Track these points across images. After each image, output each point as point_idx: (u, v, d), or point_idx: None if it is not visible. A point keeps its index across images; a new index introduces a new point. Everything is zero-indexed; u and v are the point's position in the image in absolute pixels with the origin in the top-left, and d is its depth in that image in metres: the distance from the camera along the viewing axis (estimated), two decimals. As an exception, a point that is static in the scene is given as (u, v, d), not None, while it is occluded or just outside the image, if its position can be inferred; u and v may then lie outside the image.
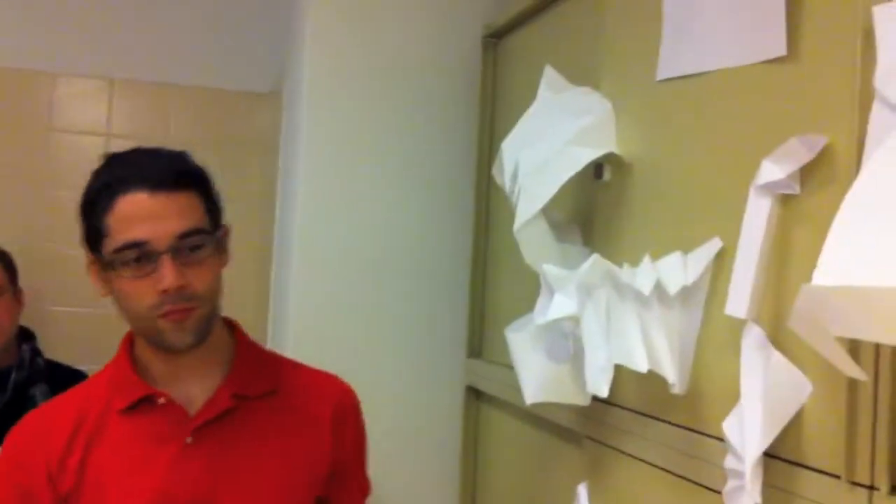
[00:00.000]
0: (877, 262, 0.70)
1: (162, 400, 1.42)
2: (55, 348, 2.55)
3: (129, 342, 1.49)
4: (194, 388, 1.44)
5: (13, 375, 2.35)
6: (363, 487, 1.62)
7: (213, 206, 1.44)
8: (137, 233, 1.32)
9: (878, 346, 0.92)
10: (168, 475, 1.40)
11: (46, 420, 1.45)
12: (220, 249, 1.44)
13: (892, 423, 0.92)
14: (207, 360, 1.45)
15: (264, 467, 1.44)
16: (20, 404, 2.30)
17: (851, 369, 0.81)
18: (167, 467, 1.40)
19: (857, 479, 0.96)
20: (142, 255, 1.33)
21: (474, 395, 2.13)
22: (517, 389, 1.51)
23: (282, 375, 1.52)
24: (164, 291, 1.32)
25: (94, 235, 1.38)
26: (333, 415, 1.51)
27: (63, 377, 2.45)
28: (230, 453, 1.42)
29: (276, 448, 1.45)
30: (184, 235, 1.34)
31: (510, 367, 1.56)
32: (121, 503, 1.39)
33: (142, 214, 1.33)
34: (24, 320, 2.50)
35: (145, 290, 1.34)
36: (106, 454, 1.41)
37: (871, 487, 0.94)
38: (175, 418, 1.42)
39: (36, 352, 2.45)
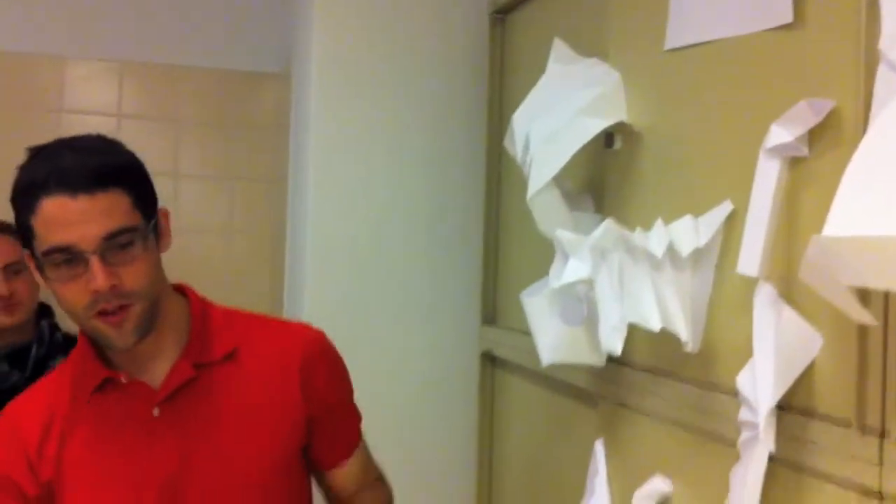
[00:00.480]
0: (886, 212, 0.74)
1: (123, 379, 1.43)
2: (70, 323, 2.59)
3: None
4: (156, 365, 1.44)
5: (33, 351, 2.40)
6: (354, 418, 1.62)
7: (143, 198, 1.38)
8: (62, 237, 1.30)
9: (886, 295, 0.96)
10: (140, 452, 1.42)
11: (20, 413, 1.47)
12: (158, 237, 1.42)
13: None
14: (163, 338, 1.44)
15: (234, 430, 1.45)
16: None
17: (862, 315, 0.85)
18: (138, 444, 1.42)
19: (868, 425, 1.00)
20: (70, 258, 1.31)
21: (489, 361, 2.18)
22: (532, 354, 1.55)
23: (242, 335, 1.51)
24: (96, 292, 1.31)
25: (24, 233, 1.35)
26: (301, 366, 1.50)
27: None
28: (198, 421, 1.44)
29: (243, 408, 1.46)
30: (110, 236, 1.31)
31: (524, 332, 1.60)
32: (99, 487, 1.42)
33: (64, 219, 1.30)
34: (41, 297, 2.54)
35: (78, 292, 1.32)
36: (80, 441, 1.43)
37: (882, 433, 0.99)
38: (139, 395, 1.43)
39: (54, 327, 2.49)
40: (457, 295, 2.24)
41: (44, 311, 2.52)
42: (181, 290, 1.52)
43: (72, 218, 1.29)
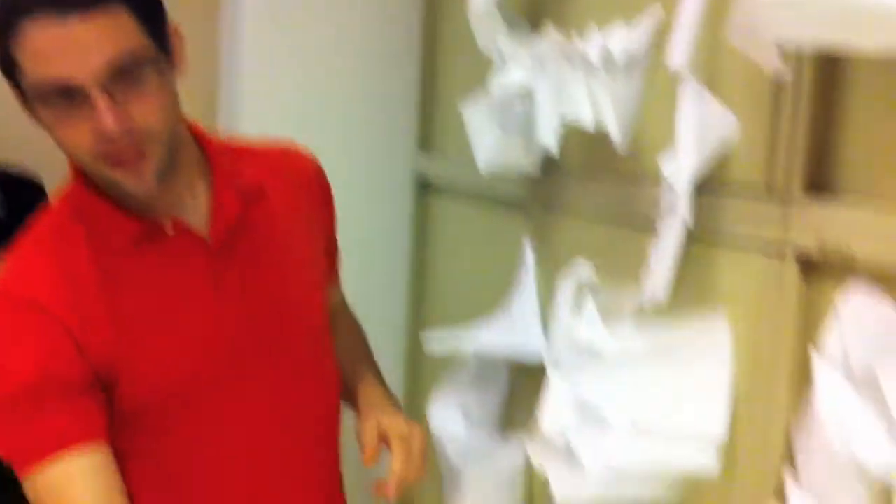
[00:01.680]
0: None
1: (169, 225, 1.25)
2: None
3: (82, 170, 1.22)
4: (190, 202, 1.28)
5: None
6: (337, 252, 1.59)
7: (151, 15, 1.13)
8: (53, 69, 1.06)
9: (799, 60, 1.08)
10: (204, 303, 1.27)
11: (33, 287, 1.20)
12: (171, 64, 1.19)
13: (810, 131, 1.09)
14: (187, 171, 1.27)
15: (286, 265, 1.36)
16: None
17: (781, 72, 0.95)
18: (200, 295, 1.27)
19: (774, 184, 1.14)
20: (67, 93, 1.07)
21: (423, 186, 2.26)
22: (468, 176, 1.62)
23: (259, 164, 1.38)
24: (105, 135, 1.09)
25: (6, 65, 1.10)
26: (319, 184, 1.47)
27: (14, 185, 2.51)
28: (252, 263, 1.31)
29: (288, 242, 1.36)
30: (114, 65, 1.07)
31: (460, 157, 1.66)
32: (168, 347, 1.24)
33: (54, 46, 1.05)
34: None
35: (82, 134, 1.09)
36: (132, 297, 1.22)
37: (787, 189, 1.12)
38: (189, 240, 1.26)
39: None
40: (392, 118, 2.27)
41: None
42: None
43: (63, 44, 1.05)
